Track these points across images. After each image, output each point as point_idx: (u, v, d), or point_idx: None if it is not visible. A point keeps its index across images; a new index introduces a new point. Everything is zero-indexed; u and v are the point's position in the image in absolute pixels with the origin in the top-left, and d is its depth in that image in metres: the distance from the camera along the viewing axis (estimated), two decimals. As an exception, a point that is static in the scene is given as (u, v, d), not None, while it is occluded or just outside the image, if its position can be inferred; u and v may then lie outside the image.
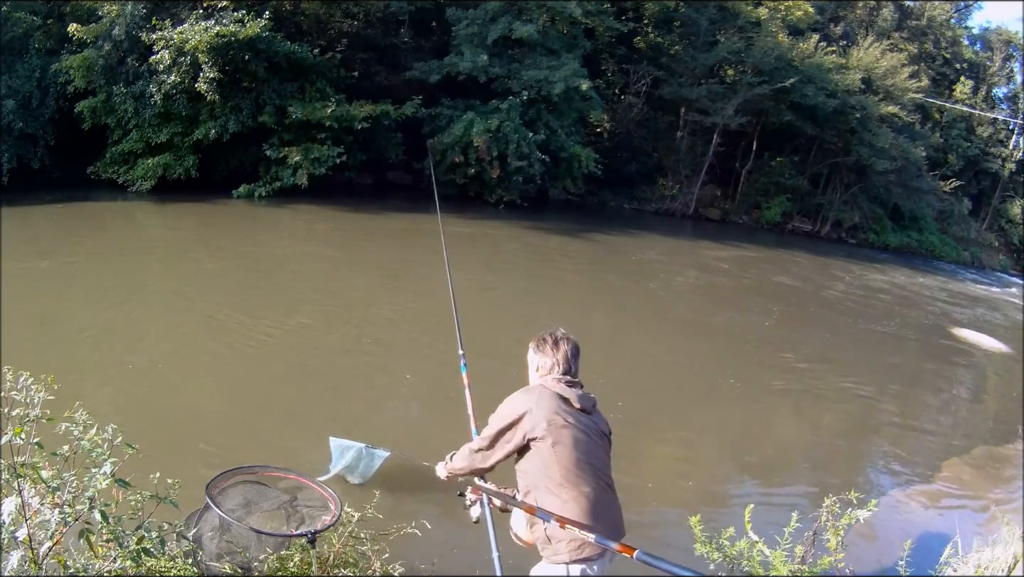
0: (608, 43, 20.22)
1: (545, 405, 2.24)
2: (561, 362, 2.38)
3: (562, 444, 2.19)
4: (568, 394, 2.28)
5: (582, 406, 2.29)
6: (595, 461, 2.24)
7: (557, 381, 2.33)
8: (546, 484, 2.19)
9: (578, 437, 2.22)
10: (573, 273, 12.08)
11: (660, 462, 5.21)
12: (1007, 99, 32.36)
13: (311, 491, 2.92)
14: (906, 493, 5.38)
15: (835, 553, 2.48)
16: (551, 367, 2.38)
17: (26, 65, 13.11)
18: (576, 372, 2.41)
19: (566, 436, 2.20)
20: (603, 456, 2.30)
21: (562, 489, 2.17)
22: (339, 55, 15.19)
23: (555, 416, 2.21)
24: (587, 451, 2.22)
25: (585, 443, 2.23)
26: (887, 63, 22.68)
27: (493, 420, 2.33)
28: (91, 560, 2.01)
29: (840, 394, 7.64)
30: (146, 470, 2.31)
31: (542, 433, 2.19)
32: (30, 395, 1.98)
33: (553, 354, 2.39)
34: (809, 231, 24.51)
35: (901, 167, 23.21)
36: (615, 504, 2.29)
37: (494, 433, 2.31)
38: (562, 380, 2.33)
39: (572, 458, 2.19)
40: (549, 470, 2.18)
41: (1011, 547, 3.26)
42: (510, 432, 2.27)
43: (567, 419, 2.22)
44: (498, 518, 2.47)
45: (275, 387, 5.55)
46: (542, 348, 2.42)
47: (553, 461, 2.18)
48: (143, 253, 9.78)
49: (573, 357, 2.40)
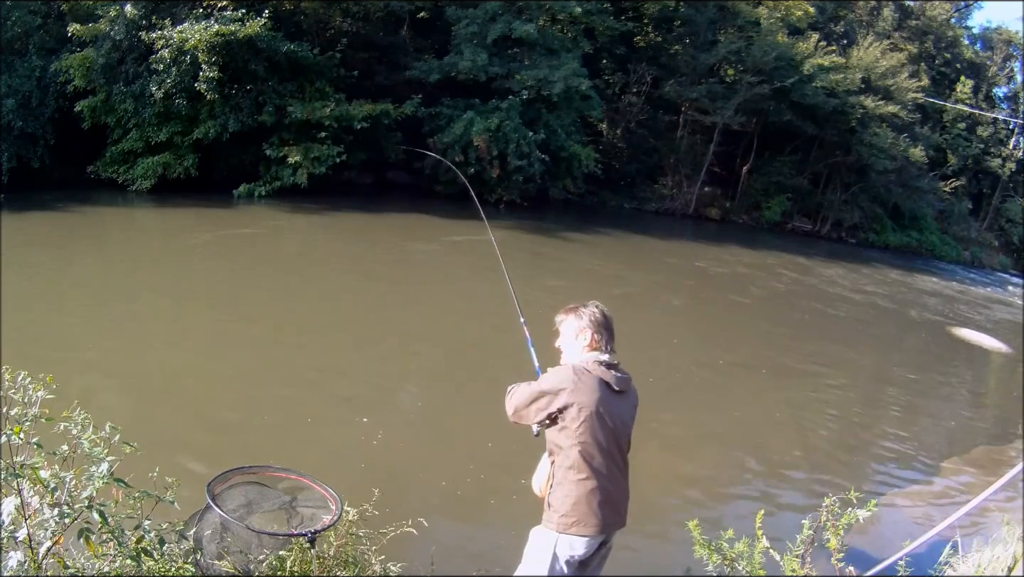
0: (608, 43, 20.21)
1: (586, 389, 2.30)
2: (603, 332, 2.44)
3: (590, 433, 2.29)
4: (608, 377, 2.35)
5: (620, 388, 2.37)
6: (615, 451, 2.35)
7: (598, 363, 2.38)
8: (563, 459, 2.33)
9: (607, 427, 2.31)
10: (574, 268, 12.08)
11: (660, 462, 5.20)
12: (1007, 99, 32.41)
13: (312, 491, 2.91)
14: (906, 493, 5.38)
15: (835, 553, 2.48)
16: (590, 337, 2.43)
17: (26, 64, 13.09)
18: (612, 348, 2.47)
19: (596, 426, 2.29)
20: (624, 442, 2.41)
21: (573, 471, 2.31)
22: (339, 54, 15.18)
23: (593, 404, 2.29)
24: (611, 441, 2.33)
25: (612, 433, 2.33)
26: (887, 63, 22.67)
27: (536, 385, 2.40)
28: (90, 560, 2.00)
29: (839, 394, 7.64)
30: (145, 469, 2.31)
31: (574, 415, 2.29)
32: (28, 394, 1.98)
33: (592, 324, 2.44)
34: (809, 231, 24.52)
35: (901, 167, 23.23)
36: (623, 494, 2.41)
37: (535, 393, 2.37)
38: (602, 361, 2.38)
39: (595, 446, 2.30)
40: (569, 450, 2.31)
41: (1011, 547, 3.25)
42: (545, 400, 2.34)
43: (601, 408, 2.30)
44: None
45: (275, 387, 5.55)
46: (580, 317, 2.47)
47: (575, 443, 2.30)
48: (143, 253, 9.78)
49: (610, 329, 2.47)
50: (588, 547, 2.33)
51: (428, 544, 3.28)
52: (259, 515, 2.66)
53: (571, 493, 2.30)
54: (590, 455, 2.29)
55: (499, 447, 4.91)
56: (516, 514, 3.75)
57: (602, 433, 2.30)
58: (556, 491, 2.35)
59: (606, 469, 2.31)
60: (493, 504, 4.35)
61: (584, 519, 2.29)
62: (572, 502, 2.30)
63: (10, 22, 13.01)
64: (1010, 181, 30.89)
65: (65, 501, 1.88)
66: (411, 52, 17.49)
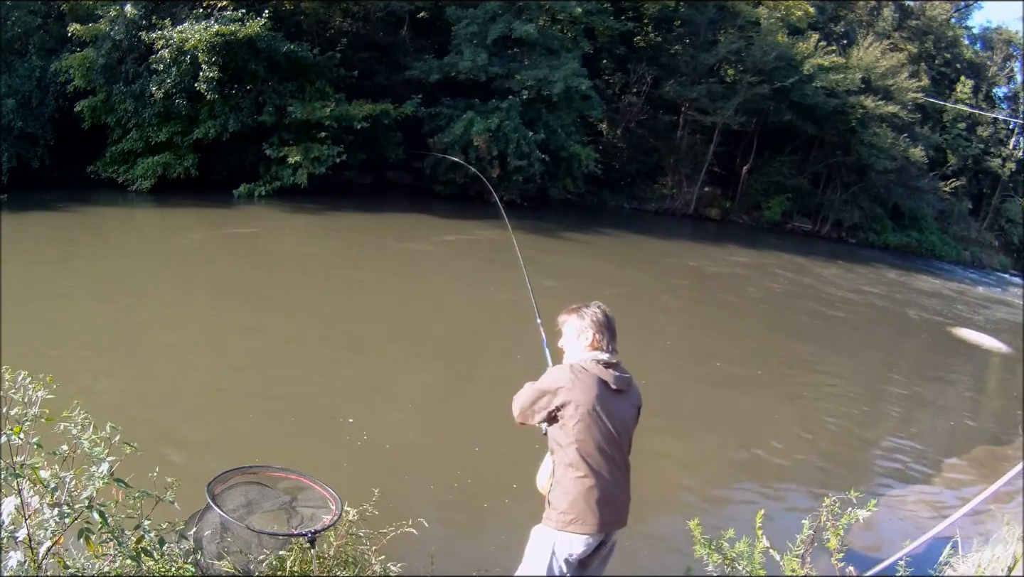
0: (608, 42, 20.22)
1: (582, 387, 2.31)
2: (605, 332, 2.43)
3: (587, 431, 2.30)
4: (606, 376, 2.34)
5: (619, 387, 2.36)
6: (614, 450, 2.34)
7: (596, 362, 2.38)
8: (562, 457, 2.34)
9: (604, 426, 2.31)
10: (573, 268, 12.07)
11: (659, 462, 5.20)
12: (1007, 99, 32.39)
13: (312, 491, 2.91)
14: (906, 493, 5.38)
15: (835, 553, 2.47)
16: (592, 337, 2.43)
17: (26, 64, 13.10)
18: (614, 348, 2.46)
19: (592, 424, 2.30)
20: (625, 442, 2.39)
21: (572, 468, 2.31)
22: (339, 54, 15.18)
23: (589, 402, 2.29)
24: (609, 439, 2.32)
25: (610, 431, 2.32)
26: (887, 63, 22.67)
27: (537, 384, 2.41)
28: (90, 560, 2.00)
29: (839, 394, 7.64)
30: (145, 469, 2.31)
31: (571, 412, 2.30)
32: (28, 394, 1.98)
33: (594, 325, 2.44)
34: (809, 231, 24.51)
35: (901, 167, 23.22)
36: (623, 493, 2.39)
37: (536, 393, 2.39)
38: (601, 360, 2.38)
39: (592, 445, 2.30)
40: (567, 447, 2.32)
41: (1011, 547, 3.25)
42: (545, 399, 2.36)
43: (598, 406, 2.30)
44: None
45: (275, 386, 5.55)
46: (582, 317, 2.47)
47: (573, 442, 2.31)
48: (143, 253, 9.78)
49: (612, 329, 2.47)
50: (587, 545, 2.33)
51: (428, 544, 3.27)
52: (259, 515, 2.66)
53: (569, 491, 2.31)
54: (588, 453, 2.29)
55: (500, 447, 4.91)
56: (517, 514, 3.76)
57: (599, 431, 2.30)
58: (556, 489, 2.36)
59: (605, 467, 2.31)
60: (494, 504, 4.35)
61: (582, 517, 2.30)
62: (570, 500, 2.31)
63: (10, 22, 13.02)
64: (1010, 181, 30.88)
65: (65, 501, 1.88)
66: (411, 52, 17.49)
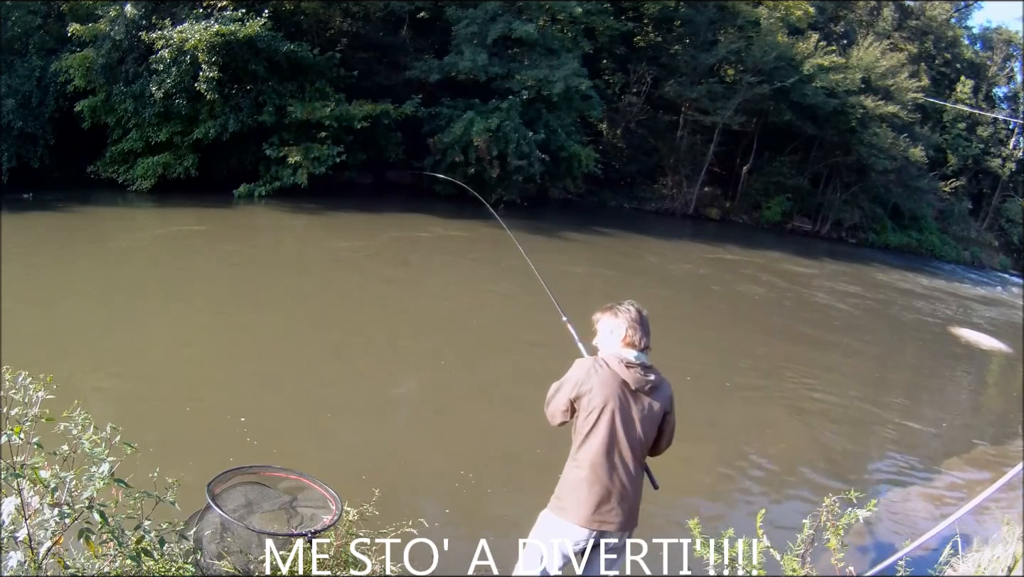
0: (608, 43, 20.21)
1: (599, 382, 2.31)
2: (638, 329, 2.43)
3: (595, 428, 2.31)
4: (627, 376, 2.33)
5: (639, 388, 2.34)
6: (623, 447, 2.32)
7: (620, 361, 2.35)
8: (574, 446, 2.37)
9: (613, 425, 2.30)
10: (573, 269, 12.07)
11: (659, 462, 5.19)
12: (1007, 99, 32.40)
13: (312, 491, 2.91)
14: (906, 493, 5.38)
15: (835, 553, 2.48)
16: (625, 333, 2.42)
17: (26, 64, 13.08)
18: (647, 345, 2.45)
19: (602, 422, 2.30)
20: (636, 444, 2.34)
21: (575, 460, 2.35)
22: (339, 54, 15.17)
23: (602, 397, 2.30)
24: (617, 440, 2.31)
25: (619, 432, 2.31)
26: (887, 63, 22.67)
27: (562, 379, 2.43)
28: (91, 560, 2.00)
29: (839, 394, 7.63)
30: (146, 470, 2.31)
31: (584, 404, 2.32)
32: (28, 394, 1.98)
33: (627, 321, 2.43)
34: (809, 231, 24.51)
35: (901, 167, 23.21)
36: (625, 493, 2.34)
37: (554, 389, 2.44)
38: (624, 359, 2.36)
39: (598, 442, 2.31)
40: (576, 440, 2.36)
41: (1011, 547, 3.25)
42: (566, 390, 2.38)
43: (611, 403, 2.30)
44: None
45: (275, 385, 5.54)
46: (616, 315, 2.46)
47: (580, 436, 2.34)
48: (142, 253, 9.77)
49: (646, 327, 2.46)
50: (577, 538, 2.31)
51: (428, 544, 3.27)
52: (259, 515, 2.66)
53: (568, 478, 2.36)
54: (591, 449, 2.31)
55: (501, 447, 4.91)
56: (518, 514, 3.75)
57: (607, 430, 2.29)
58: (563, 474, 2.40)
59: (606, 467, 2.29)
60: (494, 504, 4.34)
61: (572, 507, 2.31)
62: (567, 487, 2.35)
63: (10, 22, 13.01)
64: (1010, 181, 30.88)
65: (65, 501, 1.88)
66: (411, 52, 17.48)
